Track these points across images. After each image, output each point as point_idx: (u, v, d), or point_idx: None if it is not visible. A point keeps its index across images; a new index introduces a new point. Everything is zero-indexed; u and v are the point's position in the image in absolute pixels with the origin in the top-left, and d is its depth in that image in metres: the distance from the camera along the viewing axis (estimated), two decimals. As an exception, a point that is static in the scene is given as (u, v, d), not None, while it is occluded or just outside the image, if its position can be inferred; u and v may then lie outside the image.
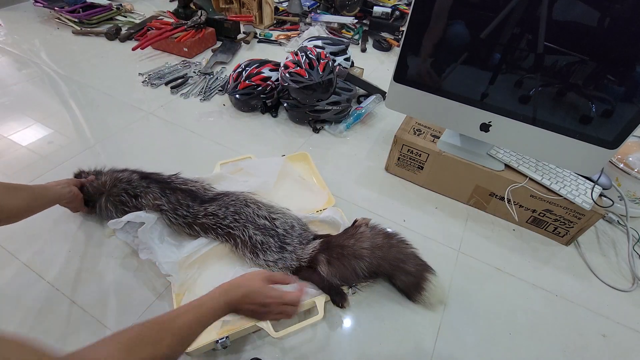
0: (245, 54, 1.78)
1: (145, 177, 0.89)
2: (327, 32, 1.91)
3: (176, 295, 0.75)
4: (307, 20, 2.00)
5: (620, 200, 1.01)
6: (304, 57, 1.19)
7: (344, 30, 1.99)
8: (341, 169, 1.15)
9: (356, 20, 1.98)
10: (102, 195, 0.88)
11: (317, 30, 1.83)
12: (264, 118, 1.35)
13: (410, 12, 0.82)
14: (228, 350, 0.71)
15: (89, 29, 1.82)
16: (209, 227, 0.83)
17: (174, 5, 1.90)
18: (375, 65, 1.75)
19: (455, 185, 1.05)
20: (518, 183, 0.93)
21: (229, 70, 1.60)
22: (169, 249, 0.80)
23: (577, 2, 0.69)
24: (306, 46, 1.30)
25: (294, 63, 1.19)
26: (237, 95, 1.30)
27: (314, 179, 1.08)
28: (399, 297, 0.83)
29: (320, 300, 0.75)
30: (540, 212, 0.96)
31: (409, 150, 1.05)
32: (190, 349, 0.66)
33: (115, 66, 1.58)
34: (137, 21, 1.93)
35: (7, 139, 1.15)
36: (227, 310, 0.54)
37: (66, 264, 0.83)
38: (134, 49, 1.61)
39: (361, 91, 1.50)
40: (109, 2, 2.01)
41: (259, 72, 1.29)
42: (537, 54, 0.76)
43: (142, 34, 1.77)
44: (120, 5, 2.00)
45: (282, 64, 1.25)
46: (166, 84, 1.47)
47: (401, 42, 0.87)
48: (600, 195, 0.92)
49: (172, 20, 1.74)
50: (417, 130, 1.08)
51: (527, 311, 0.83)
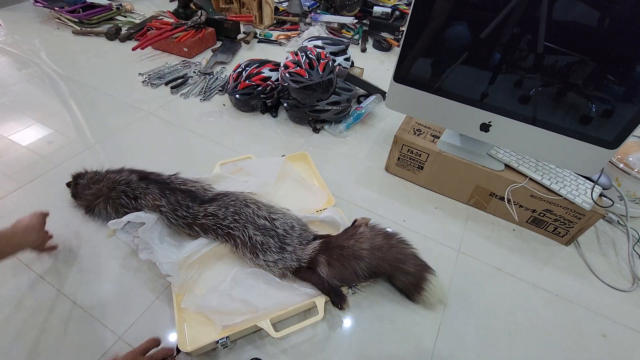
0: (245, 54, 1.78)
1: (144, 177, 0.89)
2: (327, 32, 1.91)
3: (176, 296, 0.75)
4: (307, 20, 2.00)
5: (620, 200, 1.01)
6: (304, 57, 1.19)
7: (344, 30, 1.99)
8: (341, 169, 1.15)
9: (356, 20, 1.98)
10: (100, 199, 0.88)
11: (317, 30, 1.83)
12: (264, 118, 1.35)
13: (410, 12, 0.82)
14: (228, 350, 0.71)
15: (89, 29, 1.82)
16: (208, 227, 0.83)
17: (174, 5, 1.90)
18: (375, 65, 1.75)
19: (455, 185, 1.05)
20: (518, 183, 0.93)
21: (229, 70, 1.60)
22: (169, 249, 0.80)
23: (577, 2, 0.69)
24: (306, 46, 1.30)
25: (294, 63, 1.19)
26: (237, 95, 1.30)
27: (313, 179, 1.08)
28: (398, 297, 0.83)
29: (320, 300, 0.75)
30: (540, 212, 0.96)
31: (409, 150, 1.05)
32: (190, 348, 0.66)
33: (115, 66, 1.58)
34: (137, 21, 1.93)
35: (7, 139, 1.15)
36: None
37: (66, 264, 0.83)
38: (134, 49, 1.61)
39: (361, 91, 1.50)
40: (109, 2, 2.01)
41: (259, 72, 1.29)
42: (537, 54, 0.76)
43: (142, 34, 1.77)
44: (120, 5, 2.00)
45: (282, 64, 1.25)
46: (166, 84, 1.47)
47: (401, 42, 0.87)
48: (600, 195, 0.92)
49: (172, 20, 1.74)
50: (417, 130, 1.08)
51: (527, 311, 0.83)
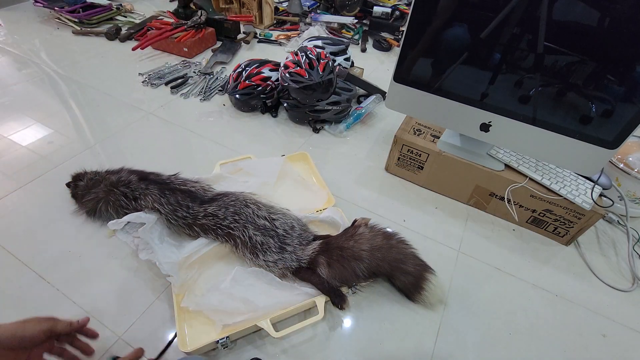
0: (245, 54, 1.78)
1: (144, 178, 0.89)
2: (327, 32, 1.91)
3: (176, 296, 0.75)
4: (307, 20, 2.00)
5: (620, 200, 1.01)
6: (304, 57, 1.19)
7: (344, 30, 1.99)
8: (341, 169, 1.15)
9: (356, 20, 1.98)
10: (101, 202, 0.88)
11: (317, 30, 1.83)
12: (264, 118, 1.35)
13: (410, 12, 0.82)
14: (228, 350, 0.71)
15: (89, 29, 1.82)
16: (208, 227, 0.83)
17: (174, 5, 1.90)
18: (375, 65, 1.75)
19: (455, 185, 1.05)
20: (518, 183, 0.93)
21: (229, 70, 1.60)
22: (169, 249, 0.80)
23: (577, 2, 0.69)
24: (306, 46, 1.30)
25: (294, 63, 1.19)
26: (237, 95, 1.29)
27: (313, 179, 1.08)
28: (398, 297, 0.83)
29: (320, 300, 0.75)
30: (540, 212, 0.96)
31: (409, 150, 1.05)
32: (190, 348, 0.66)
33: (115, 66, 1.58)
34: (137, 21, 1.93)
35: (7, 139, 1.15)
36: None
37: (66, 264, 0.83)
38: (134, 49, 1.61)
39: (361, 91, 1.50)
40: (109, 2, 2.01)
41: (259, 72, 1.29)
42: (537, 54, 0.76)
43: (142, 34, 1.77)
44: (120, 5, 2.00)
45: (282, 64, 1.25)
46: (166, 84, 1.47)
47: (401, 42, 0.87)
48: (600, 195, 0.92)
49: (172, 20, 1.74)
50: (417, 130, 1.08)
51: (527, 311, 0.83)
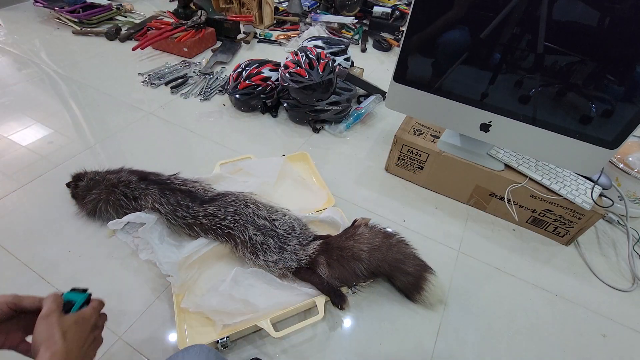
0: (245, 54, 1.78)
1: (144, 178, 0.89)
2: (327, 32, 1.91)
3: (176, 296, 0.75)
4: (307, 20, 2.00)
5: (620, 200, 1.01)
6: (304, 57, 1.19)
7: (344, 30, 1.99)
8: (341, 169, 1.15)
9: (356, 20, 1.98)
10: (101, 202, 0.88)
11: (317, 30, 1.83)
12: (264, 118, 1.35)
13: (410, 12, 0.82)
14: (228, 350, 0.71)
15: (89, 29, 1.82)
16: (208, 227, 0.83)
17: (174, 5, 1.89)
18: (375, 65, 1.75)
19: (455, 185, 1.05)
20: (518, 183, 0.93)
21: (229, 70, 1.60)
22: (169, 249, 0.80)
23: (577, 2, 0.69)
24: (306, 46, 1.30)
25: (294, 63, 1.19)
26: (237, 95, 1.29)
27: (313, 179, 1.08)
28: (398, 297, 0.83)
29: (320, 300, 0.75)
30: (540, 212, 0.96)
31: (409, 150, 1.05)
32: (190, 349, 0.66)
33: (115, 66, 1.58)
34: (137, 21, 1.93)
35: (7, 139, 1.15)
36: None
37: (66, 264, 0.83)
38: (134, 49, 1.61)
39: (361, 91, 1.50)
40: (109, 2, 2.01)
41: (259, 72, 1.29)
42: (537, 54, 0.76)
43: (142, 34, 1.77)
44: (120, 5, 2.00)
45: (282, 64, 1.25)
46: (166, 84, 1.47)
47: (401, 42, 0.87)
48: (600, 195, 0.92)
49: (172, 20, 1.74)
50: (417, 130, 1.08)
51: (527, 311, 0.83)
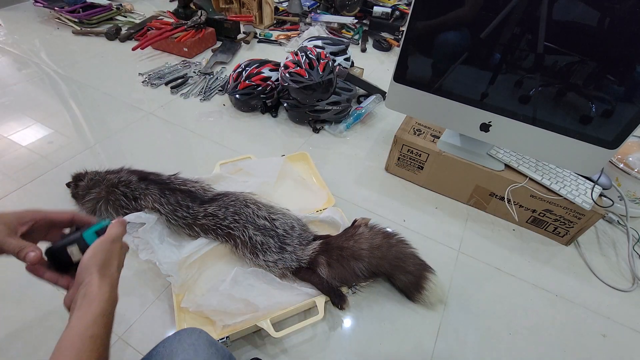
0: (245, 54, 1.78)
1: (144, 178, 0.89)
2: (327, 32, 1.91)
3: (176, 296, 0.75)
4: (307, 20, 2.00)
5: (620, 200, 1.01)
6: (304, 57, 1.19)
7: (344, 30, 1.99)
8: (341, 169, 1.15)
9: (356, 20, 1.98)
10: (101, 202, 0.88)
11: (317, 30, 1.83)
12: (264, 118, 1.35)
13: (410, 12, 0.82)
14: (229, 350, 0.71)
15: (89, 29, 1.82)
16: (208, 227, 0.83)
17: (174, 5, 1.89)
18: (375, 65, 1.75)
19: (455, 185, 1.05)
20: (518, 183, 0.93)
21: (229, 70, 1.60)
22: (169, 249, 0.80)
23: (577, 2, 0.69)
24: (306, 46, 1.30)
25: (294, 63, 1.19)
26: (237, 95, 1.29)
27: (313, 179, 1.08)
28: (398, 297, 0.83)
29: (320, 300, 0.75)
30: (540, 212, 0.96)
31: (409, 150, 1.05)
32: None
33: (115, 66, 1.58)
34: (137, 21, 1.93)
35: (7, 139, 1.15)
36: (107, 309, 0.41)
37: (66, 264, 0.83)
38: (134, 49, 1.61)
39: (361, 91, 1.50)
40: (109, 2, 2.00)
41: (259, 72, 1.29)
42: (537, 54, 0.76)
43: (142, 34, 1.77)
44: (120, 5, 2.00)
45: (282, 64, 1.25)
46: (166, 84, 1.47)
47: (401, 42, 0.87)
48: (600, 195, 0.92)
49: (172, 20, 1.74)
50: (417, 130, 1.08)
51: (527, 311, 0.83)
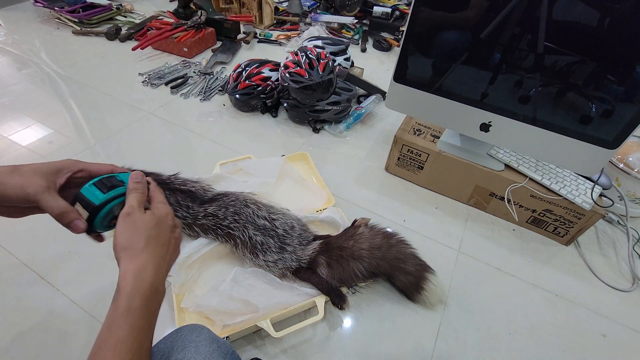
0: (245, 54, 1.78)
1: None
2: (327, 32, 1.91)
3: (176, 296, 0.75)
4: (307, 20, 2.00)
5: (620, 200, 1.01)
6: (304, 57, 1.19)
7: (344, 30, 1.99)
8: (341, 169, 1.15)
9: (356, 20, 1.98)
10: None
11: (317, 30, 1.83)
12: (264, 118, 1.35)
13: (410, 12, 0.82)
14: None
15: (89, 29, 1.82)
16: (208, 227, 0.83)
17: (174, 5, 1.89)
18: (375, 65, 1.75)
19: (455, 185, 1.05)
20: (518, 183, 0.93)
21: (229, 70, 1.60)
22: (169, 249, 0.80)
23: (577, 2, 0.69)
24: (306, 46, 1.30)
25: (294, 63, 1.19)
26: (237, 95, 1.29)
27: (313, 179, 1.08)
28: (398, 297, 0.83)
29: (320, 300, 0.75)
30: (540, 212, 0.96)
31: (409, 150, 1.05)
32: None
33: (115, 66, 1.58)
34: (137, 21, 1.93)
35: (7, 139, 1.15)
36: (152, 293, 0.40)
37: (66, 264, 0.83)
38: (134, 49, 1.61)
39: (361, 91, 1.50)
40: (109, 2, 2.01)
41: (259, 72, 1.29)
42: (537, 54, 0.76)
43: (142, 34, 1.77)
44: (120, 5, 2.00)
45: (282, 64, 1.25)
46: (166, 84, 1.47)
47: (401, 42, 0.87)
48: (600, 195, 0.92)
49: (172, 20, 1.74)
50: (417, 130, 1.08)
51: (527, 311, 0.83)
